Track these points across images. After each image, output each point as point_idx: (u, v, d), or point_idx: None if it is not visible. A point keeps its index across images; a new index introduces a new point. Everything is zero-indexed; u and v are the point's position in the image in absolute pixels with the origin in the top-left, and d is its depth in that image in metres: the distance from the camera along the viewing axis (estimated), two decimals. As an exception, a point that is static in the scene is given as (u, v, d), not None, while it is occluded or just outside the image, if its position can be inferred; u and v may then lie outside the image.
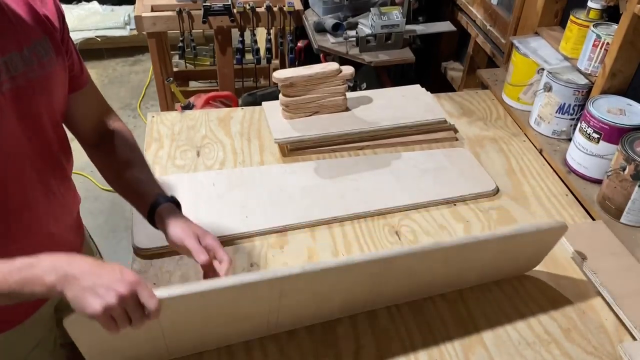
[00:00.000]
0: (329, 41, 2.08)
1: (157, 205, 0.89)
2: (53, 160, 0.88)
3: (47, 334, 1.03)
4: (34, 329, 0.98)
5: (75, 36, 3.33)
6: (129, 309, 0.70)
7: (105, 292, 0.67)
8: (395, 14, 1.98)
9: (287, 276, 0.79)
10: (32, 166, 0.83)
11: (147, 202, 0.90)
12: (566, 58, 1.46)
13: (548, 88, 1.42)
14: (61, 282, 0.68)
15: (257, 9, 2.32)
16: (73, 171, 0.97)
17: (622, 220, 1.19)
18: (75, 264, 0.70)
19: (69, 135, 0.94)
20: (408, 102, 1.54)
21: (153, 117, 1.52)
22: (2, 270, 0.69)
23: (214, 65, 2.83)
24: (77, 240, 1.03)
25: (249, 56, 2.58)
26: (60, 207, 0.92)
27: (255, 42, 2.51)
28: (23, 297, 0.70)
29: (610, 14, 1.37)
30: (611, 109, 1.25)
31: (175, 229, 0.86)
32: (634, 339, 0.97)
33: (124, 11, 3.62)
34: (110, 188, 0.98)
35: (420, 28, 2.11)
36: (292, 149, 1.40)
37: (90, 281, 0.68)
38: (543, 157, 1.44)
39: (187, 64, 2.93)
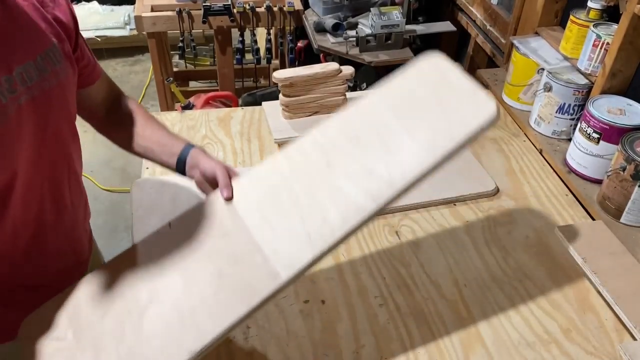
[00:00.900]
0: (329, 41, 2.08)
1: (190, 148, 0.92)
2: (68, 169, 0.87)
3: None
4: None
5: (75, 36, 3.33)
6: None
7: None
8: (395, 14, 1.98)
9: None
10: (47, 179, 0.81)
11: (176, 148, 0.93)
12: (566, 58, 1.46)
13: (548, 88, 1.42)
14: None
15: (257, 9, 2.32)
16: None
17: (622, 220, 1.19)
18: None
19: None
20: (408, 102, 1.54)
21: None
22: None
23: (214, 65, 2.83)
24: (84, 253, 1.02)
25: (249, 56, 2.58)
26: (70, 222, 0.91)
27: (255, 42, 2.51)
28: None
29: (610, 14, 1.37)
30: (611, 109, 1.25)
31: (210, 161, 0.90)
32: (634, 339, 0.97)
33: (124, 11, 3.62)
34: (111, 188, 0.98)
35: (420, 28, 2.11)
36: (292, 149, 1.40)
37: None
38: (543, 157, 1.44)
39: (187, 64, 2.94)
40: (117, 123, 0.97)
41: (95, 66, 0.92)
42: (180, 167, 0.93)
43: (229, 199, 0.86)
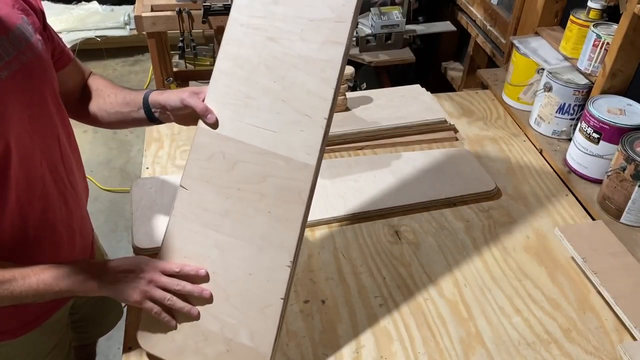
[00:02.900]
0: (329, 41, 2.07)
1: (149, 93, 0.93)
2: (59, 143, 0.89)
3: (63, 336, 1.06)
4: (53, 331, 1.01)
5: (75, 36, 3.32)
6: (163, 285, 0.82)
7: (136, 282, 0.82)
8: (395, 14, 1.98)
9: None
10: (40, 153, 0.83)
11: (138, 100, 0.94)
12: (566, 58, 1.46)
13: (548, 88, 1.42)
14: (101, 286, 0.82)
15: (257, 9, 2.31)
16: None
17: (622, 220, 1.19)
18: (107, 269, 0.83)
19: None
20: (408, 102, 1.54)
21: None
22: (51, 276, 0.80)
23: (214, 65, 2.82)
24: (90, 234, 1.05)
25: (249, 56, 2.57)
26: (71, 197, 0.93)
27: (255, 42, 2.50)
28: (71, 295, 0.84)
29: (610, 14, 1.37)
30: (611, 109, 1.25)
31: (171, 95, 0.90)
32: (634, 339, 0.97)
33: (124, 11, 3.62)
34: (110, 188, 0.99)
35: (420, 28, 2.11)
36: (292, 149, 1.40)
37: (123, 279, 0.82)
38: (543, 157, 1.44)
39: (187, 64, 2.93)
40: (87, 104, 0.99)
41: (64, 50, 0.93)
42: (150, 116, 0.94)
43: (214, 122, 0.84)
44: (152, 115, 0.94)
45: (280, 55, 0.82)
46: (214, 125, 0.84)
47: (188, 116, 0.89)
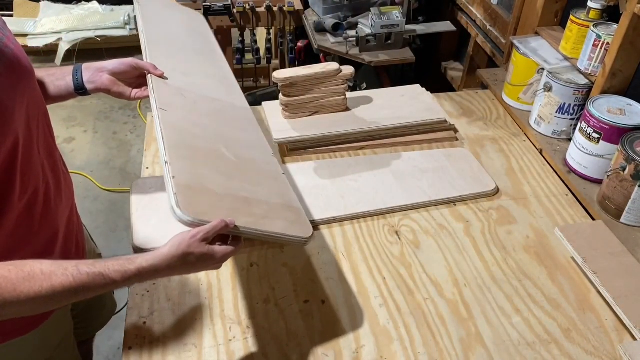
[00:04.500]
0: (329, 41, 2.08)
1: (80, 65, 1.00)
2: (50, 130, 0.90)
3: (68, 329, 1.07)
4: (58, 325, 1.02)
5: (75, 36, 3.32)
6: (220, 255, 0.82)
7: (200, 267, 0.82)
8: (395, 14, 1.98)
9: None
10: (37, 142, 0.84)
11: (66, 70, 0.98)
12: (566, 58, 1.46)
13: (548, 88, 1.42)
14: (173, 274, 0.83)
15: (257, 9, 2.32)
16: (72, 171, 0.99)
17: (622, 220, 1.19)
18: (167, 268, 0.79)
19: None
20: (408, 102, 1.54)
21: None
22: (115, 262, 0.76)
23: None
24: (77, 217, 1.05)
25: (249, 56, 2.58)
26: (65, 183, 0.94)
27: (255, 42, 2.51)
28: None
29: (610, 14, 1.37)
30: (611, 109, 1.25)
31: (112, 61, 1.02)
32: (634, 339, 0.97)
33: (123, 11, 3.62)
34: (110, 188, 0.99)
35: (420, 28, 2.11)
36: (292, 149, 1.40)
37: (190, 268, 0.81)
38: (543, 157, 1.44)
39: (187, 64, 2.93)
40: None
41: None
42: (78, 83, 0.98)
43: (162, 74, 1.04)
44: (79, 82, 0.98)
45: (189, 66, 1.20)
46: (162, 76, 1.04)
47: (123, 79, 1.02)
